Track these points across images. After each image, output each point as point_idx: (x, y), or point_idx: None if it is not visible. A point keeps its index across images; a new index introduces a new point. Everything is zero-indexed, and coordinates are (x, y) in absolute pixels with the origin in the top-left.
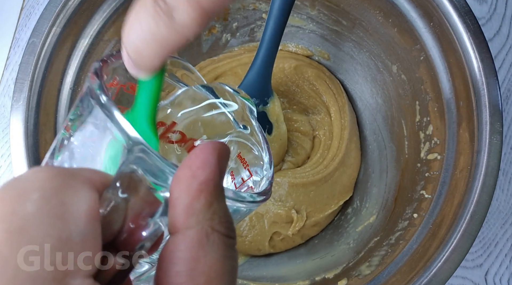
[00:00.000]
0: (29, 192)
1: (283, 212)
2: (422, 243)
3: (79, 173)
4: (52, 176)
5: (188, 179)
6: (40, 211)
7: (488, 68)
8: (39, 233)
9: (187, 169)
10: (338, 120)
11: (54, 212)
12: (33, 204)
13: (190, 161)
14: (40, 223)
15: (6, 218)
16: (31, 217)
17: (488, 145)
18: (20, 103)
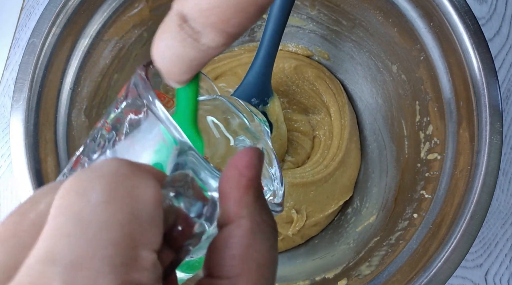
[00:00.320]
0: (105, 174)
1: (283, 212)
2: (422, 243)
3: (143, 165)
4: (122, 164)
5: (236, 177)
6: (115, 189)
7: (488, 68)
8: (116, 207)
9: (234, 169)
10: (338, 120)
11: (127, 192)
12: (108, 184)
13: (237, 162)
14: (115, 198)
15: (87, 194)
16: (107, 193)
17: (488, 145)
18: (20, 103)
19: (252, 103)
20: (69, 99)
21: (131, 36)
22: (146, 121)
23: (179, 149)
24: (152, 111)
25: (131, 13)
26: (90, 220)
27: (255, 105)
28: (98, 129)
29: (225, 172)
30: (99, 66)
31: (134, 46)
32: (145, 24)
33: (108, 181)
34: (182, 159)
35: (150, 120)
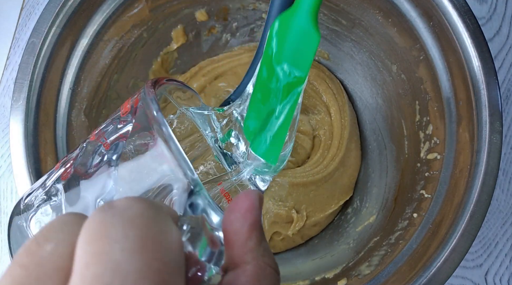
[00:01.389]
0: (132, 217)
1: (283, 212)
2: (422, 243)
3: (163, 206)
4: (147, 206)
5: (240, 221)
6: (146, 236)
7: (488, 68)
8: (149, 255)
9: (237, 213)
10: (338, 120)
11: (157, 239)
12: (139, 229)
13: (239, 205)
14: (147, 246)
15: (120, 240)
16: (139, 240)
17: (488, 144)
18: (20, 103)
19: None
20: (69, 99)
21: (130, 36)
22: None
23: (190, 187)
24: (164, 142)
25: (131, 13)
26: (128, 270)
27: None
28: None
29: (227, 215)
30: (99, 66)
31: (134, 46)
32: (145, 24)
33: (138, 227)
34: (194, 199)
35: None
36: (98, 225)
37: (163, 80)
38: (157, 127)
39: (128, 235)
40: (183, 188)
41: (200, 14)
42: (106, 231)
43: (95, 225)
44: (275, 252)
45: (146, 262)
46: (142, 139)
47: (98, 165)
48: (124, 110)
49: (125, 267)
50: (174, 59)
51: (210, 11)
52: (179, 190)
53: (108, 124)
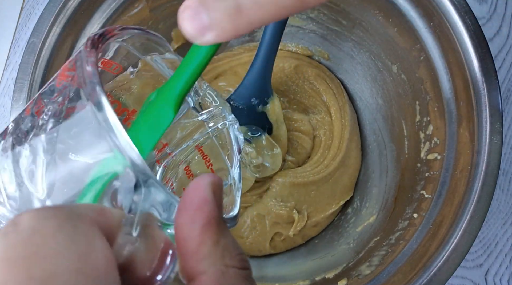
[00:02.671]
0: (43, 248)
1: (284, 213)
2: (422, 243)
3: (84, 214)
4: (60, 224)
5: (188, 225)
6: (61, 270)
7: (488, 68)
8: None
9: (185, 213)
10: (339, 120)
11: (74, 268)
12: (51, 264)
13: (187, 204)
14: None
15: (32, 269)
16: (52, 279)
17: (488, 145)
18: (20, 103)
19: (252, 103)
20: None
21: None
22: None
23: (135, 175)
24: (99, 115)
25: (131, 13)
26: None
27: (255, 105)
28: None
29: (176, 218)
30: None
31: None
32: (145, 24)
33: (51, 258)
34: (142, 193)
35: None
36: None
37: (113, 30)
38: (88, 89)
39: (33, 277)
40: (127, 176)
41: None
42: (8, 271)
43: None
44: (276, 252)
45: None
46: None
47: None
48: (60, 76)
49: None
50: None
51: None
52: (122, 179)
53: (43, 93)
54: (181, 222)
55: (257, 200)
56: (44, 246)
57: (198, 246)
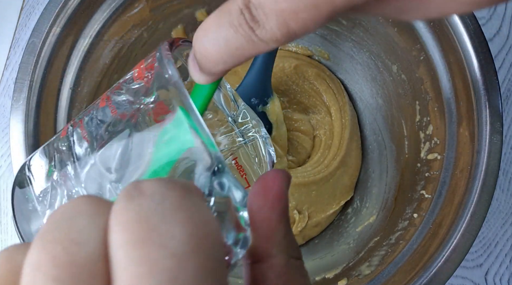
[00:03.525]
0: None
1: None
2: (422, 243)
3: (194, 188)
4: (183, 193)
5: (268, 209)
6: (192, 232)
7: (488, 68)
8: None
9: (264, 198)
10: (339, 120)
11: (203, 234)
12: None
13: (266, 188)
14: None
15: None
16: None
17: (488, 145)
18: (20, 103)
19: (252, 103)
20: (69, 99)
21: (131, 36)
22: (172, 118)
23: (214, 164)
24: (184, 112)
25: (131, 13)
26: (185, 280)
27: (255, 105)
28: (102, 109)
29: (254, 198)
30: (99, 66)
31: (134, 46)
32: (145, 24)
33: (182, 222)
34: (218, 178)
35: (177, 118)
36: (136, 221)
37: (179, 41)
38: (176, 95)
39: (175, 235)
40: (205, 165)
41: (200, 14)
42: (148, 230)
43: (131, 221)
44: None
45: (201, 265)
46: (158, 108)
47: (107, 134)
48: (137, 75)
49: (181, 277)
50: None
51: (210, 11)
52: (200, 167)
53: (117, 90)
54: (260, 206)
55: None
56: (177, 212)
57: (272, 232)
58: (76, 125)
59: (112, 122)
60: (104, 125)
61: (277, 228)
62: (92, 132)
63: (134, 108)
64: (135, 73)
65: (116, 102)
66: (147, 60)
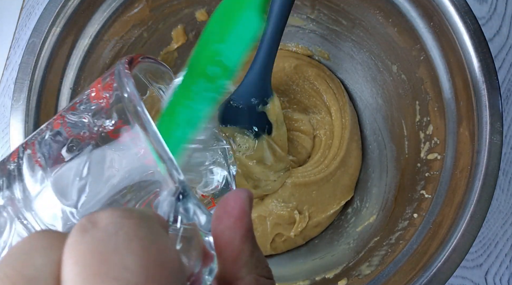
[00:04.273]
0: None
1: (285, 213)
2: (422, 243)
3: (152, 215)
4: (139, 222)
5: (230, 232)
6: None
7: (488, 68)
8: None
9: (226, 220)
10: (339, 120)
11: (159, 262)
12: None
13: (228, 211)
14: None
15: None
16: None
17: (488, 145)
18: (20, 103)
19: (252, 103)
20: (69, 99)
21: (131, 36)
22: (130, 139)
23: (178, 189)
24: (143, 132)
25: (131, 13)
26: None
27: (255, 105)
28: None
29: (216, 223)
30: (99, 66)
31: (134, 46)
32: (145, 24)
33: (136, 253)
34: (183, 204)
35: (136, 139)
36: (88, 254)
37: (138, 58)
38: (135, 115)
39: (128, 266)
40: (168, 190)
41: (200, 14)
42: (100, 263)
43: (83, 254)
44: (276, 253)
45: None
46: (117, 130)
47: (62, 158)
48: (95, 95)
49: None
50: (174, 59)
51: (210, 11)
52: (162, 192)
53: (73, 110)
54: (222, 229)
55: (258, 201)
56: (131, 241)
57: (238, 254)
58: (27, 147)
59: (68, 145)
60: (58, 147)
61: (241, 248)
62: (45, 154)
63: (92, 130)
64: (91, 93)
65: (72, 123)
66: (104, 79)
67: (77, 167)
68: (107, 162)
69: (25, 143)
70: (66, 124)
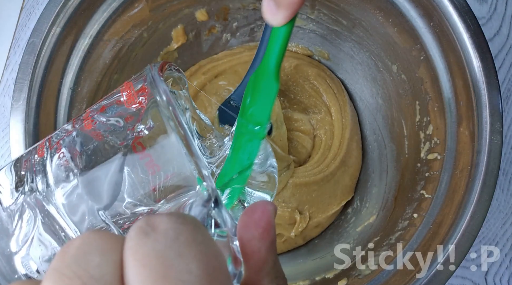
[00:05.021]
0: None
1: (286, 214)
2: (422, 243)
3: (199, 221)
4: (194, 228)
5: (257, 242)
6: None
7: (488, 68)
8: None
9: (254, 230)
10: (339, 119)
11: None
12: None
13: (255, 221)
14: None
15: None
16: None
17: (488, 145)
18: (20, 103)
19: None
20: (69, 99)
21: (131, 36)
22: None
23: (210, 198)
24: (182, 144)
25: (131, 13)
26: None
27: None
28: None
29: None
30: (99, 66)
31: (134, 46)
32: (145, 24)
33: (197, 258)
34: (217, 212)
35: (174, 149)
36: (153, 258)
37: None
38: (171, 120)
39: (191, 270)
40: (201, 198)
41: (200, 14)
42: (166, 266)
43: (148, 257)
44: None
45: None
46: (151, 134)
47: (93, 159)
48: (128, 99)
49: None
50: (174, 59)
51: (210, 11)
52: (195, 198)
53: (104, 112)
54: (249, 238)
55: None
56: (191, 247)
57: (263, 264)
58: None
59: (99, 147)
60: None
61: (266, 259)
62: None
63: (126, 134)
64: (123, 96)
65: (104, 125)
66: (137, 84)
67: (112, 170)
68: (140, 168)
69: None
70: (96, 126)
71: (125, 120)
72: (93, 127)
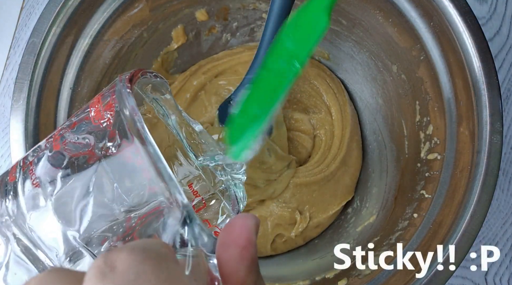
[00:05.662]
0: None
1: (286, 214)
2: (422, 243)
3: (165, 252)
4: (156, 265)
5: (236, 261)
6: None
7: (488, 68)
8: None
9: (233, 250)
10: (339, 119)
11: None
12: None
13: (234, 238)
14: None
15: None
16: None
17: (488, 145)
18: (20, 103)
19: None
20: (69, 99)
21: (131, 36)
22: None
23: (182, 214)
24: (148, 154)
25: (131, 13)
26: None
27: None
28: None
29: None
30: (99, 66)
31: (134, 46)
32: (145, 24)
33: None
34: (188, 230)
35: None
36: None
37: (138, 74)
38: (138, 136)
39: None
40: (174, 215)
41: (200, 14)
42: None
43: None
44: (277, 253)
45: None
46: (120, 151)
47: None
48: (95, 115)
49: None
50: (174, 59)
51: (210, 10)
52: (166, 215)
53: (74, 129)
54: (227, 258)
55: (259, 202)
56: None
57: (244, 281)
58: (25, 167)
59: (68, 167)
60: (58, 169)
61: (245, 280)
62: (43, 176)
63: (94, 151)
64: (91, 112)
65: (73, 144)
66: (104, 99)
67: (79, 190)
68: (109, 185)
69: (23, 162)
70: (66, 145)
71: (95, 138)
72: (61, 146)
